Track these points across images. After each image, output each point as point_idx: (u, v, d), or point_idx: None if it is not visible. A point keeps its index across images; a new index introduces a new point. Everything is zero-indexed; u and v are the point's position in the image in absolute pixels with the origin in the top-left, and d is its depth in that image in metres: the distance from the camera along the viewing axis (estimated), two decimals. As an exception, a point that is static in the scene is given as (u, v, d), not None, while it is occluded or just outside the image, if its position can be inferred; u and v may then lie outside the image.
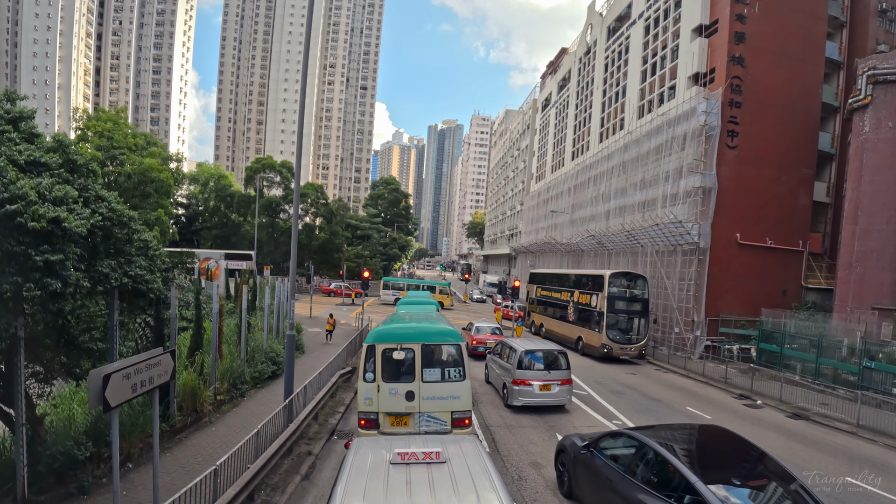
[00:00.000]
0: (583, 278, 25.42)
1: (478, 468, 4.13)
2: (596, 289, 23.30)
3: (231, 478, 6.64)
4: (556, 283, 28.74)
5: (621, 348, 22.14)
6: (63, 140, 7.24)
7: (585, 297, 24.19)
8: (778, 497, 5.08)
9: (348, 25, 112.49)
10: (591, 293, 23.71)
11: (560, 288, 27.82)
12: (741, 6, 25.21)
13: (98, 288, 6.66)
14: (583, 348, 23.65)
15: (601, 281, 22.94)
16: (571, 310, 25.45)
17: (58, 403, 8.80)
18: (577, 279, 26.00)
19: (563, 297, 26.97)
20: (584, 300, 24.31)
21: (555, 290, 28.52)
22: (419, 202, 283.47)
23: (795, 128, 26.37)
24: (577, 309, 24.82)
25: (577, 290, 25.32)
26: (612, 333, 22.11)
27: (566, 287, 26.95)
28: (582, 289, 24.83)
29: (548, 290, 29.64)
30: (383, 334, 8.77)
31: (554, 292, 28.56)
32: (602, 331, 22.14)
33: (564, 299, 26.62)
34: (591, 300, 23.43)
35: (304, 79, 10.68)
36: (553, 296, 28.56)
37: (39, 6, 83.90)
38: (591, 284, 23.94)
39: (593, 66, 42.26)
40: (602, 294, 22.58)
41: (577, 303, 25.03)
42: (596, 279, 23.70)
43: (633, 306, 22.80)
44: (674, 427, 7.54)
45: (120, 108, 46.18)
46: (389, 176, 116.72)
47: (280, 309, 19.44)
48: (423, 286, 46.33)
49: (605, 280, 22.62)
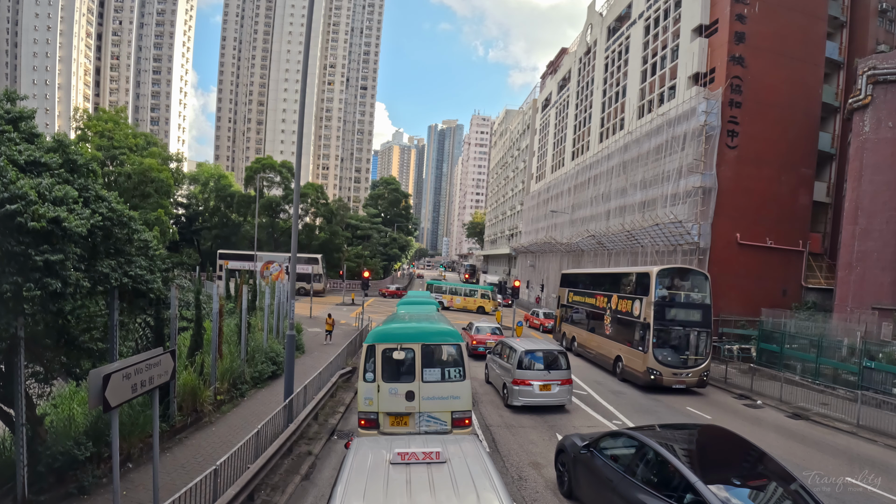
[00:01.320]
0: (621, 278, 20.20)
1: (478, 468, 4.13)
2: (639, 291, 17.80)
3: (231, 478, 6.63)
4: (590, 285, 23.24)
5: (674, 374, 16.24)
6: (63, 140, 7.24)
7: (625, 304, 18.67)
8: (778, 497, 5.08)
9: (348, 25, 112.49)
10: (632, 298, 18.17)
11: (594, 291, 22.20)
12: (741, 6, 25.21)
13: (98, 288, 6.66)
14: (622, 371, 17.98)
15: (646, 281, 17.48)
16: (608, 320, 19.97)
17: (58, 403, 8.79)
18: (615, 279, 20.88)
19: (597, 302, 21.37)
20: (623, 307, 18.78)
21: (588, 295, 22.77)
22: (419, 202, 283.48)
23: (795, 128, 26.37)
24: (616, 319, 19.35)
25: (614, 293, 19.88)
26: (661, 353, 16.38)
27: (601, 290, 21.50)
28: (621, 292, 19.47)
29: (580, 294, 23.85)
30: (383, 334, 8.77)
31: (587, 297, 22.79)
32: (647, 349, 16.40)
33: (600, 306, 21.07)
34: (633, 307, 17.85)
35: (304, 79, 10.68)
36: (587, 301, 22.79)
37: (39, 6, 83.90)
38: (633, 286, 18.66)
39: (593, 66, 42.26)
40: (647, 299, 16.88)
41: (614, 311, 19.50)
42: (639, 279, 18.39)
43: (690, 315, 16.95)
44: (674, 427, 7.54)
45: (120, 108, 46.21)
46: (389, 176, 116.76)
47: (280, 309, 19.44)
48: (465, 290, 44.30)
49: (651, 280, 17.04)
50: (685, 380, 16.43)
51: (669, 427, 7.42)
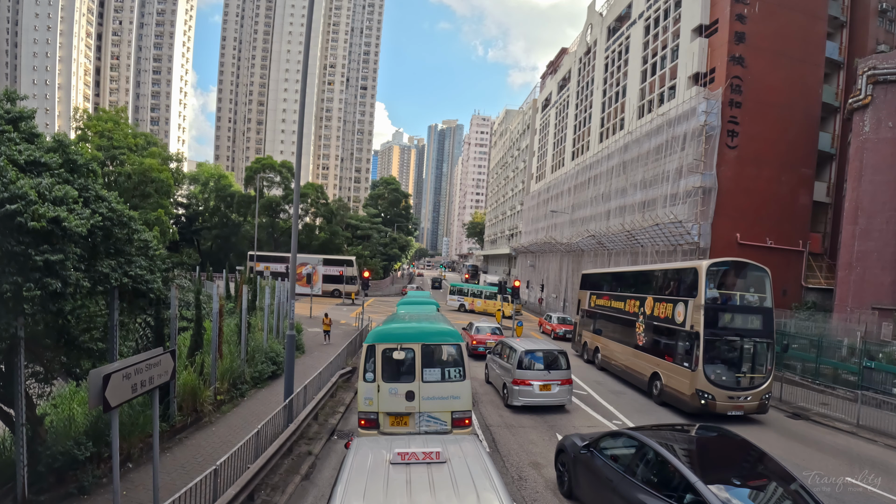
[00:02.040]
0: (658, 277, 16.90)
1: (478, 468, 4.13)
2: (682, 292, 14.47)
3: (231, 478, 6.64)
4: (617, 287, 19.97)
5: (730, 397, 12.87)
6: (63, 140, 7.24)
7: (664, 308, 15.17)
8: (778, 497, 5.08)
9: (348, 25, 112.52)
10: (673, 300, 14.73)
11: (622, 293, 18.97)
12: (741, 6, 25.21)
13: (98, 288, 6.66)
14: (661, 393, 14.55)
15: (692, 279, 14.03)
16: (641, 328, 16.52)
17: (58, 403, 8.80)
18: (649, 279, 17.61)
19: (627, 307, 18.04)
20: (661, 312, 15.34)
21: (615, 298, 19.46)
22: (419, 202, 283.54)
23: (795, 128, 26.37)
24: (651, 327, 15.87)
25: (648, 295, 16.52)
26: (714, 371, 13.04)
27: (631, 291, 18.30)
28: (657, 293, 16.06)
29: (605, 296, 20.53)
30: (383, 334, 8.77)
31: (614, 300, 19.45)
32: (696, 366, 13.00)
33: (629, 311, 17.70)
34: (675, 312, 14.40)
35: (304, 79, 10.68)
36: (613, 306, 19.47)
37: (39, 6, 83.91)
38: (674, 286, 15.30)
39: (593, 66, 42.27)
40: (695, 301, 13.53)
41: (649, 317, 16.03)
42: (682, 277, 14.96)
43: (749, 321, 13.76)
44: (674, 427, 7.54)
45: (120, 108, 46.24)
46: (389, 176, 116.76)
47: (280, 309, 19.44)
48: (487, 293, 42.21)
49: (699, 277, 13.58)
50: (743, 404, 12.96)
51: (669, 427, 7.42)
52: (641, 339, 16.59)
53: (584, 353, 21.92)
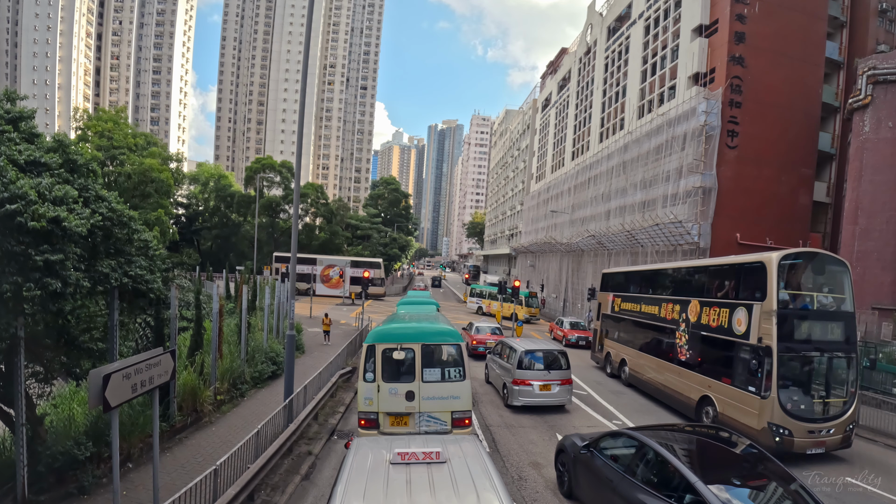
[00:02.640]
0: (708, 275, 13.44)
1: (478, 468, 4.13)
2: (744, 293, 11.33)
3: (231, 478, 6.64)
4: (649, 288, 16.76)
5: (811, 431, 9.98)
6: (63, 140, 7.24)
7: (716, 314, 12.08)
8: (778, 497, 5.08)
9: (348, 25, 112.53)
10: (730, 304, 11.61)
11: (657, 296, 15.66)
12: (741, 6, 25.21)
13: (98, 288, 6.67)
14: (715, 423, 11.33)
15: (759, 277, 10.75)
16: (683, 338, 13.48)
17: (58, 403, 8.81)
18: (695, 277, 14.16)
19: (663, 312, 14.79)
20: (713, 320, 12.15)
21: (647, 301, 16.22)
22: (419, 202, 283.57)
23: (795, 128, 26.37)
24: (698, 337, 12.76)
25: (693, 298, 13.32)
26: (790, 398, 10.10)
27: (669, 294, 14.99)
28: (707, 295, 12.87)
29: (634, 299, 17.44)
30: (383, 334, 8.77)
31: (646, 304, 16.27)
32: (768, 391, 10.01)
33: (667, 317, 14.51)
34: (734, 320, 11.29)
35: (304, 79, 10.68)
36: (645, 311, 16.24)
37: (39, 6, 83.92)
38: (732, 286, 12.02)
39: (593, 66, 42.26)
40: (763, 306, 10.44)
41: (695, 325, 12.91)
42: (744, 274, 11.65)
43: (830, 332, 10.73)
44: (674, 427, 7.54)
45: (120, 108, 46.25)
46: (389, 176, 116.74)
47: (280, 309, 19.44)
48: None
49: (769, 274, 10.45)
50: (826, 439, 10.01)
51: (669, 427, 7.42)
52: (684, 352, 13.38)
53: (608, 366, 18.86)
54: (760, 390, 10.20)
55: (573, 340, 26.20)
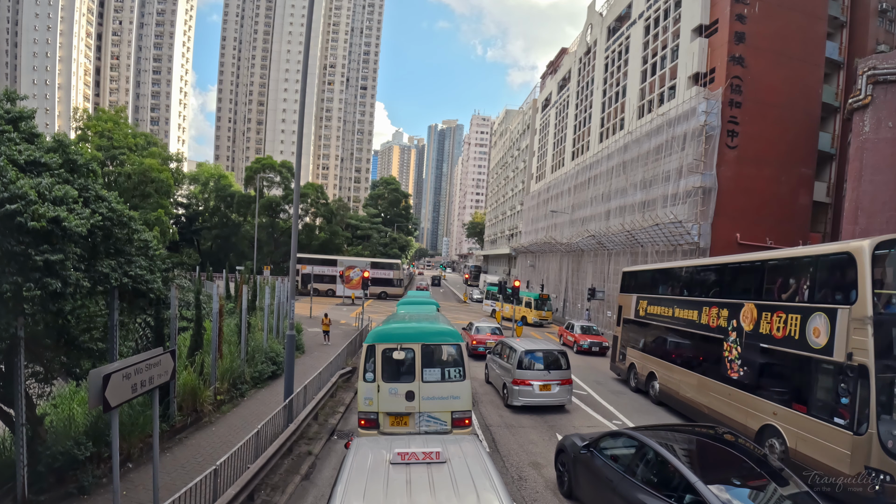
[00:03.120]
0: (771, 271, 10.60)
1: (478, 468, 4.13)
2: (822, 295, 9.02)
3: (231, 478, 6.64)
4: (687, 288, 14.06)
5: None
6: (63, 140, 7.25)
7: (784, 322, 9.54)
8: (778, 497, 5.08)
9: (348, 25, 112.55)
10: (804, 310, 9.13)
11: (698, 298, 13.09)
12: (741, 6, 25.21)
13: (98, 288, 6.67)
14: (783, 459, 9.01)
15: (846, 272, 8.43)
16: (735, 353, 11.00)
17: (58, 403, 8.81)
18: (751, 274, 11.48)
19: (707, 319, 12.28)
20: (779, 329, 9.67)
21: (684, 304, 13.65)
22: (419, 202, 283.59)
23: (795, 128, 26.37)
24: (757, 351, 10.31)
25: (748, 301, 10.76)
26: (892, 434, 7.58)
27: (715, 295, 12.43)
28: (769, 297, 10.30)
29: (665, 303, 14.80)
30: (383, 334, 8.77)
31: (682, 308, 13.70)
32: (864, 424, 7.62)
33: (712, 325, 12.03)
34: (810, 330, 8.87)
35: (304, 79, 10.68)
36: (681, 316, 13.71)
37: (39, 6, 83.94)
38: (806, 284, 9.43)
39: (593, 66, 42.27)
40: (854, 311, 8.00)
41: (752, 335, 10.48)
42: (823, 268, 9.30)
43: None
44: (674, 427, 7.54)
45: (120, 108, 46.25)
46: (389, 176, 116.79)
47: (280, 309, 19.44)
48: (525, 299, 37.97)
49: (861, 268, 8.00)
50: None
51: (669, 427, 7.42)
52: (737, 368, 10.85)
53: (632, 379, 16.36)
54: (853, 424, 7.70)
55: (586, 347, 24.05)
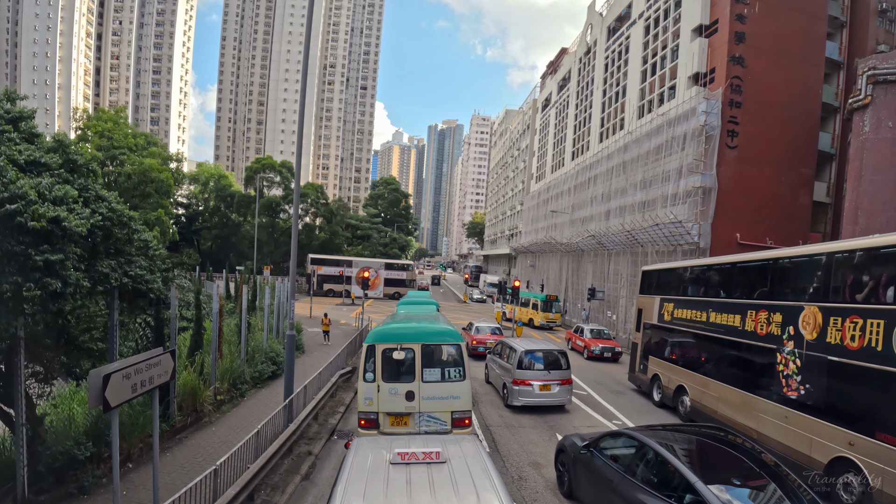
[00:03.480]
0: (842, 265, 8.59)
1: (478, 468, 4.13)
2: None
3: (231, 478, 6.64)
4: (724, 289, 12.19)
5: None
6: (63, 140, 7.25)
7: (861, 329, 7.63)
8: (778, 497, 5.08)
9: (348, 25, 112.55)
10: (890, 314, 7.17)
11: (741, 301, 11.19)
12: (741, 6, 25.22)
13: (98, 288, 6.67)
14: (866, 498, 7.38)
15: None
16: (793, 366, 9.14)
17: (58, 403, 8.81)
18: (811, 270, 9.44)
19: (753, 325, 10.47)
20: (854, 338, 7.74)
21: (722, 308, 11.74)
22: (419, 202, 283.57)
23: (795, 128, 26.37)
24: (825, 367, 8.38)
25: (812, 303, 8.91)
26: None
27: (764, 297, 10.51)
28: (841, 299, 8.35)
29: (697, 306, 12.89)
30: (383, 334, 8.77)
31: (720, 311, 11.81)
32: None
33: (760, 333, 10.23)
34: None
35: (304, 79, 10.68)
36: (718, 321, 11.79)
37: (39, 6, 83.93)
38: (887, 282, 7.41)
39: (593, 66, 42.28)
40: None
41: (818, 346, 8.57)
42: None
43: None
44: (674, 427, 7.53)
45: (120, 108, 46.25)
46: (389, 176, 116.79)
47: (280, 309, 19.44)
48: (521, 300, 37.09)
49: None
50: None
51: (669, 427, 7.42)
52: (795, 386, 9.03)
53: (656, 392, 14.59)
54: None
55: (597, 352, 22.35)
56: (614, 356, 22.62)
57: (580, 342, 23.86)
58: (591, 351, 22.57)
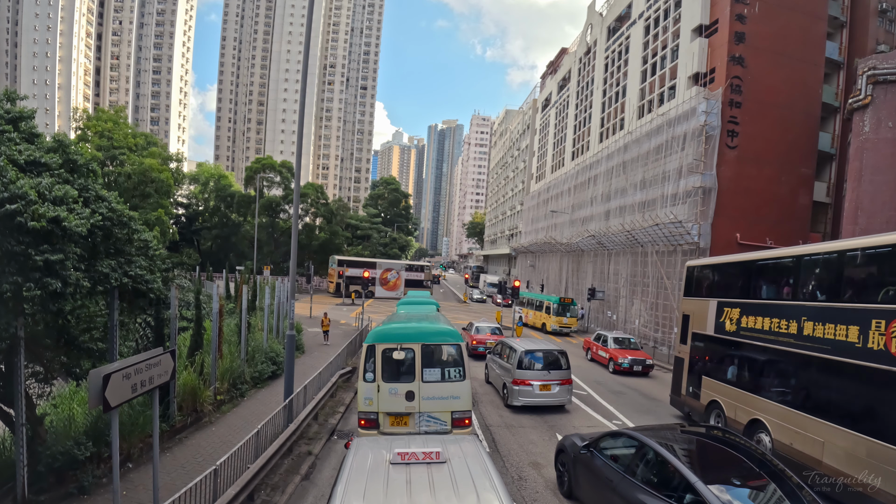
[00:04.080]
0: None
1: (478, 468, 4.13)
2: None
3: (231, 478, 6.64)
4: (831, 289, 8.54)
5: None
6: (63, 140, 7.25)
7: None
8: (778, 497, 5.08)
9: (348, 25, 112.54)
10: None
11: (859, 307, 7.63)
12: (741, 6, 25.22)
13: (98, 288, 6.67)
14: None
15: None
16: None
17: (58, 403, 8.81)
18: None
19: (888, 342, 6.88)
20: None
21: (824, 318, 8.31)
22: (419, 202, 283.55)
23: (795, 128, 26.38)
24: None
25: None
26: None
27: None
28: None
29: (781, 314, 9.48)
30: (383, 334, 8.77)
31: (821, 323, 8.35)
32: None
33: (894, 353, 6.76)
34: None
35: (304, 79, 10.68)
36: (819, 335, 8.34)
37: (39, 6, 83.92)
38: None
39: (593, 66, 42.29)
40: None
41: None
42: None
43: None
44: (674, 427, 7.53)
45: (120, 108, 46.26)
46: (389, 176, 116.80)
47: (280, 309, 19.44)
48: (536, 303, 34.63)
49: None
50: None
51: (669, 427, 7.42)
52: None
53: (713, 421, 11.38)
54: None
55: (626, 366, 19.13)
56: (645, 369, 19.42)
57: (603, 353, 20.61)
58: (620, 364, 19.21)
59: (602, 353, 20.89)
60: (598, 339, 21.85)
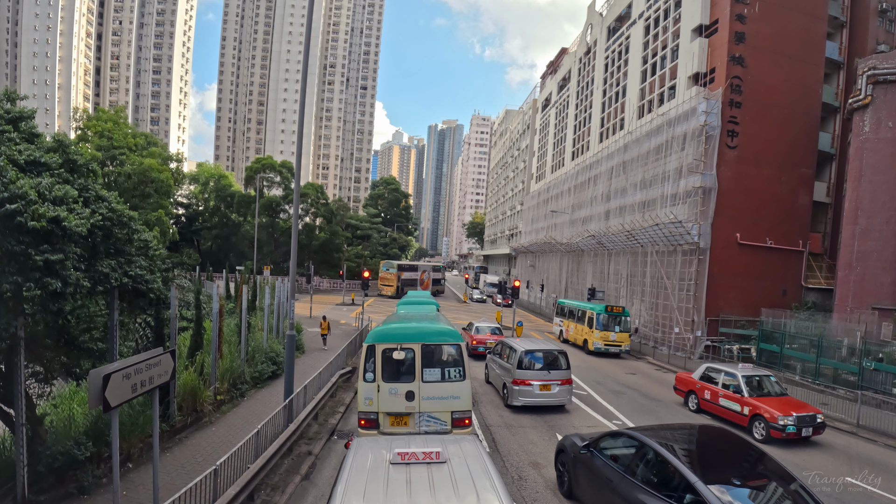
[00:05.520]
0: None
1: (478, 468, 4.13)
2: None
3: (231, 478, 6.63)
4: None
5: None
6: (63, 140, 7.25)
7: None
8: (778, 497, 5.08)
9: (348, 25, 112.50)
10: None
11: None
12: (741, 6, 25.22)
13: (98, 288, 6.66)
14: None
15: None
16: None
17: (58, 403, 8.81)
18: None
19: None
20: None
21: None
22: (419, 202, 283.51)
23: (795, 128, 26.38)
24: None
25: None
26: None
27: None
28: None
29: None
30: (383, 334, 8.77)
31: None
32: None
33: None
34: None
35: (304, 79, 10.68)
36: None
37: (39, 6, 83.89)
38: None
39: (593, 66, 42.28)
40: None
41: None
42: None
43: None
44: (674, 427, 7.53)
45: (120, 108, 46.24)
46: (389, 176, 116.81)
47: (280, 309, 19.44)
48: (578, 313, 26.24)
49: None
50: None
51: (669, 427, 7.42)
52: None
53: None
54: None
55: (792, 430, 11.00)
56: (815, 431, 11.51)
57: (735, 405, 12.37)
58: (777, 428, 11.06)
59: (733, 405, 12.42)
60: (709, 380, 13.53)
